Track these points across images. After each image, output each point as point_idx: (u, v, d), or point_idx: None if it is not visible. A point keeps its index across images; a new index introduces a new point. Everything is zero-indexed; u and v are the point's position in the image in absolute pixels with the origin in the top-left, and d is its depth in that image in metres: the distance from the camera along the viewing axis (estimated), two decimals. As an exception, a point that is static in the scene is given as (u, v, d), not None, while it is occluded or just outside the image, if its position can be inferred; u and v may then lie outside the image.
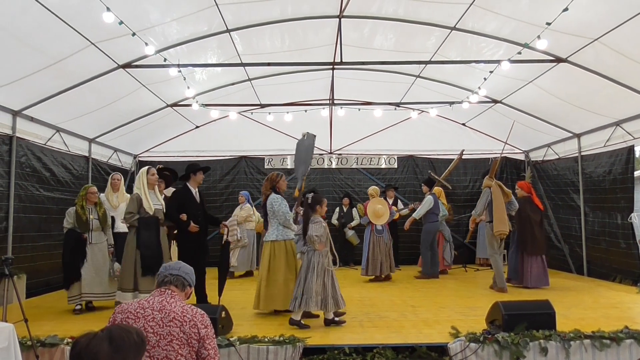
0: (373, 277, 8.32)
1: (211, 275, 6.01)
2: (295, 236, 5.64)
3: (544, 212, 10.17)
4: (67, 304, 5.97)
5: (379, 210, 8.42)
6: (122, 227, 6.68)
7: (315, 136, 6.80)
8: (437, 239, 8.86)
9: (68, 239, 6.00)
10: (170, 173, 6.83)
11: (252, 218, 9.24)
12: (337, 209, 10.53)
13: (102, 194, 6.67)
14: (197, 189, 6.13)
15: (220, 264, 5.92)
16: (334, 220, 10.43)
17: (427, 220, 8.67)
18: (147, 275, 5.39)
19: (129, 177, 10.62)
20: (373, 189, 8.89)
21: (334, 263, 5.24)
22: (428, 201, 8.63)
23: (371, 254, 8.25)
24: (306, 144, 6.62)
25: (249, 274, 8.98)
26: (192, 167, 6.20)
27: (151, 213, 5.58)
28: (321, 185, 11.26)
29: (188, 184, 6.08)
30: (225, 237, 6.28)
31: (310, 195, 5.36)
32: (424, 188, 9.05)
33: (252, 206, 9.40)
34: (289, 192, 10.02)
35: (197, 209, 5.98)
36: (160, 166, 6.93)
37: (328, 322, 5.11)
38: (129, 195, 6.75)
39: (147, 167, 5.89)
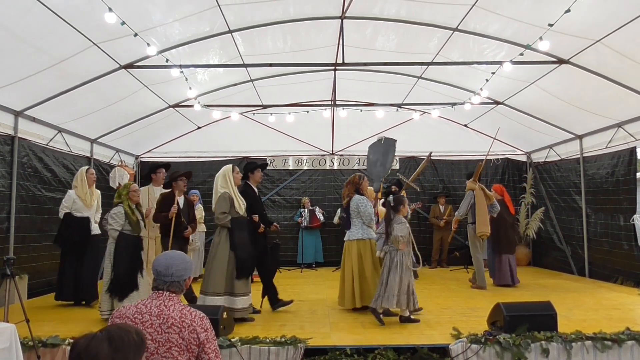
0: None
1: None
2: (376, 234, 5.66)
3: (546, 214, 10.21)
4: (63, 306, 5.97)
5: (381, 210, 8.46)
6: (96, 228, 6.67)
7: (396, 140, 7.25)
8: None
9: (123, 243, 5.39)
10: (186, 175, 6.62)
11: (202, 220, 9.04)
12: (339, 210, 10.53)
13: (70, 191, 6.49)
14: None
15: (269, 265, 5.86)
16: (335, 221, 10.45)
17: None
18: (242, 278, 5.24)
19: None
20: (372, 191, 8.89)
21: (417, 263, 5.35)
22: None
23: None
24: (384, 147, 6.99)
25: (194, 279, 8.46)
26: (251, 166, 6.02)
27: (241, 213, 5.41)
28: (323, 186, 11.27)
29: (249, 182, 5.86)
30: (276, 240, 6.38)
31: (393, 197, 5.51)
32: (393, 189, 9.05)
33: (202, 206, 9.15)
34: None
35: (263, 208, 5.92)
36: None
37: (404, 319, 5.19)
38: (98, 192, 6.82)
39: (231, 164, 5.66)
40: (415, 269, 5.47)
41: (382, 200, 8.28)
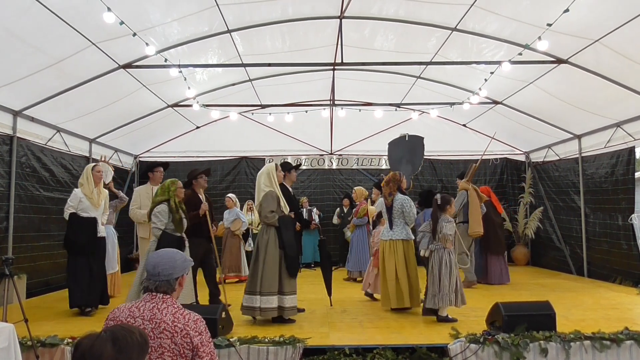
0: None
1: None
2: (419, 233, 5.64)
3: (545, 213, 10.21)
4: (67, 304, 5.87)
5: (373, 210, 8.56)
6: (103, 230, 6.33)
7: (423, 138, 7.29)
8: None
9: (166, 243, 5.09)
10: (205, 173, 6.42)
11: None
12: (338, 210, 10.54)
13: (76, 189, 6.00)
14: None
15: (323, 261, 5.84)
16: (334, 221, 10.45)
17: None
18: (293, 277, 5.20)
19: (129, 178, 10.64)
20: (364, 191, 8.90)
21: (466, 261, 5.44)
22: (380, 203, 8.78)
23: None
24: (410, 145, 7.02)
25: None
26: (287, 166, 5.96)
27: (286, 211, 5.35)
28: (322, 185, 11.27)
29: (284, 182, 5.79)
30: (321, 235, 6.26)
31: (440, 196, 5.50)
32: (375, 191, 9.05)
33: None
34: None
35: (298, 208, 5.89)
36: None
37: (442, 319, 5.19)
38: (106, 191, 6.55)
39: (273, 162, 5.59)
40: (465, 266, 5.52)
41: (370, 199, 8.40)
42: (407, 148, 7.21)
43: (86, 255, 5.86)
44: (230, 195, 8.91)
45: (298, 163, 6.35)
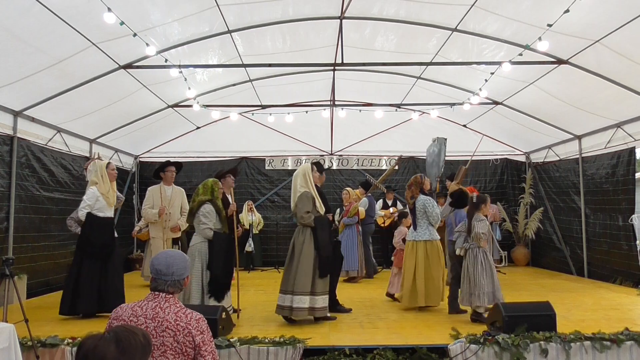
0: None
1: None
2: (456, 233, 5.72)
3: (545, 214, 10.22)
4: None
5: (362, 211, 8.76)
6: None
7: (445, 139, 7.46)
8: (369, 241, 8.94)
9: (219, 243, 5.14)
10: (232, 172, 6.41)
11: None
12: (338, 210, 10.53)
13: (92, 188, 5.80)
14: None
15: (335, 263, 5.80)
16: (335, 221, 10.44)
17: (364, 222, 8.88)
18: (324, 278, 5.21)
19: (130, 178, 10.65)
20: (357, 193, 8.90)
21: (500, 261, 5.45)
22: (363, 203, 8.90)
23: (361, 253, 8.44)
24: (437, 147, 7.20)
25: None
26: (321, 167, 5.94)
27: (321, 212, 5.35)
28: (322, 186, 11.26)
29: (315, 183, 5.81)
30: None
31: (475, 195, 5.61)
32: (361, 190, 9.06)
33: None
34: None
35: (329, 209, 5.87)
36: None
37: (475, 319, 5.21)
38: (116, 191, 6.39)
39: (310, 162, 5.59)
40: (500, 265, 5.56)
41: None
42: (435, 150, 7.43)
43: (102, 258, 5.67)
44: None
45: (329, 165, 6.48)
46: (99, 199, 5.73)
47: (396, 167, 9.57)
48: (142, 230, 8.42)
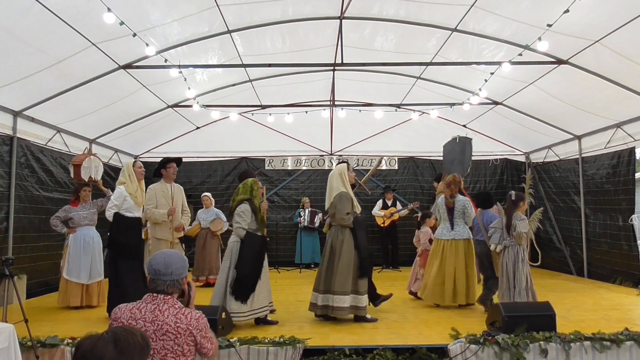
0: None
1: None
2: (491, 228, 5.79)
3: (545, 214, 10.21)
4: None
5: None
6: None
7: (471, 139, 7.68)
8: None
9: (250, 243, 5.05)
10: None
11: None
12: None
13: (120, 187, 5.65)
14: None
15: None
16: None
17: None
18: (364, 278, 5.24)
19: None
20: None
21: (536, 259, 5.65)
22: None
23: None
24: (460, 146, 7.40)
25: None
26: (350, 167, 5.90)
27: (358, 212, 5.36)
28: (322, 186, 11.23)
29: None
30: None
31: (513, 193, 5.72)
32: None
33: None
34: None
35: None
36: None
37: None
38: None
39: (344, 163, 5.58)
40: (536, 264, 5.72)
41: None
42: (457, 150, 7.58)
43: (138, 258, 5.64)
44: (206, 194, 8.88)
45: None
46: (126, 199, 5.60)
47: (378, 168, 9.56)
48: None
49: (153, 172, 6.03)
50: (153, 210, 5.70)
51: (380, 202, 10.43)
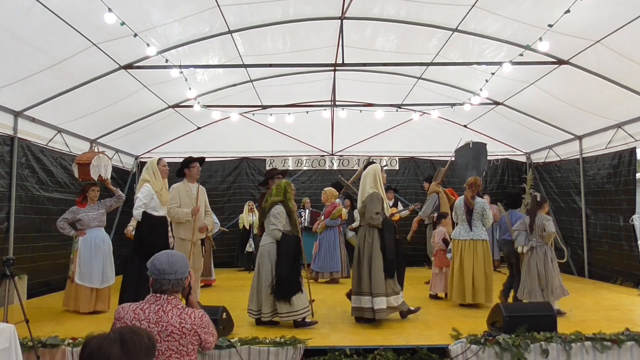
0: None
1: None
2: (515, 231, 5.93)
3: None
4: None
5: (345, 212, 8.81)
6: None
7: (485, 144, 8.01)
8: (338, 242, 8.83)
9: (287, 244, 5.06)
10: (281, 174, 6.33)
11: None
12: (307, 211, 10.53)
13: (147, 185, 5.48)
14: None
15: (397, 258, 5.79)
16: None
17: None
18: (391, 279, 5.23)
19: (130, 178, 10.66)
20: (334, 192, 8.87)
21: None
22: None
23: (343, 254, 8.48)
24: (474, 151, 7.68)
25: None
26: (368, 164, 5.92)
27: (387, 214, 5.37)
28: (322, 186, 11.23)
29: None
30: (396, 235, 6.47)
31: (538, 194, 5.97)
32: (334, 191, 9.02)
33: None
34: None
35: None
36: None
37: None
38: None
39: (378, 163, 5.62)
40: (562, 260, 5.93)
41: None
42: (472, 154, 7.80)
43: None
44: None
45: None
46: (153, 197, 5.47)
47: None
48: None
49: (176, 171, 5.94)
50: (177, 210, 5.59)
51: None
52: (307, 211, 10.47)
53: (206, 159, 10.75)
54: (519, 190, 10.26)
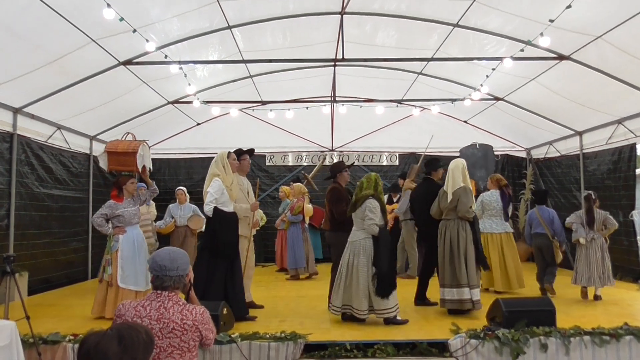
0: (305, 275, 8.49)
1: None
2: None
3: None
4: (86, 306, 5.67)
5: (310, 209, 8.89)
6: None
7: (492, 146, 8.72)
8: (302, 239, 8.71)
9: (384, 239, 4.95)
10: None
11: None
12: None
13: (217, 179, 5.18)
14: None
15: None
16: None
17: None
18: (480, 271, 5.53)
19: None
20: (302, 187, 8.78)
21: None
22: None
23: (307, 251, 8.52)
24: (482, 152, 8.26)
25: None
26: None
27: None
28: (323, 182, 11.25)
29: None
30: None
31: (592, 192, 6.55)
32: (302, 187, 9.01)
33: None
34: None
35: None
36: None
37: (598, 298, 6.22)
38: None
39: (462, 159, 5.86)
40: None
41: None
42: (479, 154, 8.25)
43: (230, 259, 5.08)
44: (181, 188, 8.51)
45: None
46: (224, 192, 5.15)
47: (325, 163, 9.55)
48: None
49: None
50: (236, 205, 5.32)
51: (385, 198, 10.40)
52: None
53: (206, 155, 10.88)
54: (546, 188, 10.25)
